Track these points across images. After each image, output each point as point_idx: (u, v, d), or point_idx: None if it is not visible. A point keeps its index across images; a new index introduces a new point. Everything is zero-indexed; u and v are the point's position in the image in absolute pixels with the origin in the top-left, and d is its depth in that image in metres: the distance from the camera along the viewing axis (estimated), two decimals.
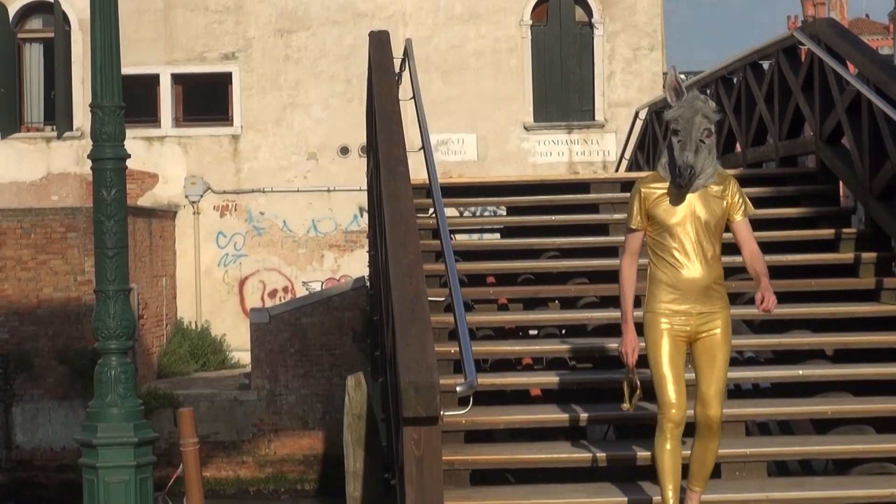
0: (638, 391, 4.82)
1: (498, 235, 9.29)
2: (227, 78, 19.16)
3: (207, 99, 19.35)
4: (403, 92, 7.83)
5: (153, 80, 19.03)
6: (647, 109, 12.76)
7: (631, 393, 4.82)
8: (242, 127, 19.11)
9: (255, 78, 19.09)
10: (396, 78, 7.89)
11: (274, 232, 19.01)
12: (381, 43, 7.92)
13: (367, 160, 10.06)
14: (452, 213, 9.26)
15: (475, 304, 7.28)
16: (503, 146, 19.07)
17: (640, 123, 13.16)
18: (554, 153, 19.15)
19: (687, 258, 4.63)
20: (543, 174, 16.45)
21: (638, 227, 4.74)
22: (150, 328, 17.11)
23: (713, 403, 4.65)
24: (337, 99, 18.98)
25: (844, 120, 7.67)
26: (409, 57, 8.16)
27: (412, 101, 7.54)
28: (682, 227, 4.64)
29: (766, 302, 4.61)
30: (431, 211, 7.04)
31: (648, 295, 4.72)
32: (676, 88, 4.69)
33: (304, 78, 19.03)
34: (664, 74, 19.19)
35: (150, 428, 5.17)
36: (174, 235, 18.81)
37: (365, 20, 18.62)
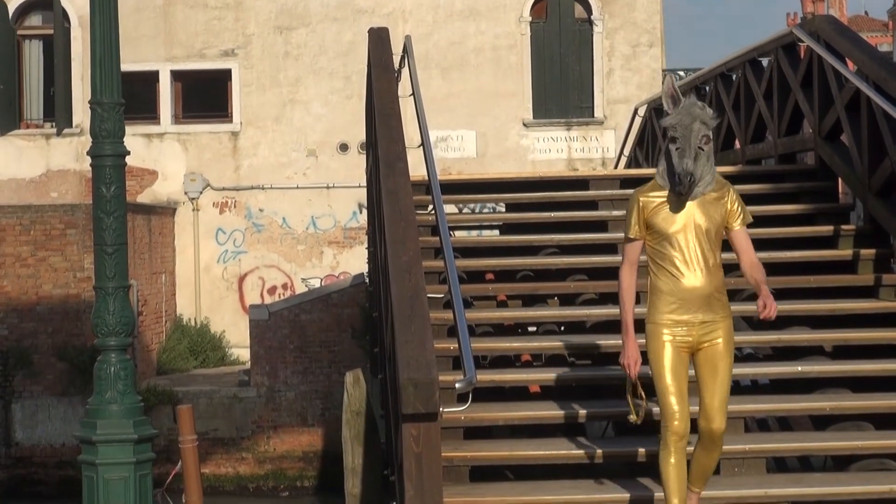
0: (644, 403, 4.76)
1: (497, 232, 9.29)
2: (226, 75, 19.15)
3: (207, 96, 19.34)
4: (403, 89, 7.82)
5: (153, 76, 19.02)
6: (646, 106, 12.76)
7: (636, 405, 4.76)
8: (242, 124, 19.10)
9: (254, 75, 19.08)
10: (396, 75, 7.88)
11: (273, 229, 19.01)
12: (380, 40, 7.92)
13: (366, 157, 10.06)
14: (452, 209, 9.27)
15: (474, 300, 7.29)
16: (502, 143, 19.06)
17: (639, 120, 13.15)
18: (553, 150, 19.15)
19: (687, 267, 4.58)
20: (542, 171, 16.44)
21: (637, 236, 4.68)
22: (149, 325, 17.11)
23: (716, 416, 4.60)
24: (336, 96, 18.98)
25: (843, 117, 7.67)
26: (408, 54, 8.16)
27: (411, 97, 7.54)
28: (681, 235, 4.59)
29: (767, 309, 4.58)
30: (431, 208, 7.04)
31: (649, 305, 4.66)
32: (673, 95, 4.63)
33: (303, 75, 19.02)
34: (663, 71, 19.20)
35: (149, 425, 5.17)
36: (173, 232, 18.81)
37: (364, 17, 18.61)
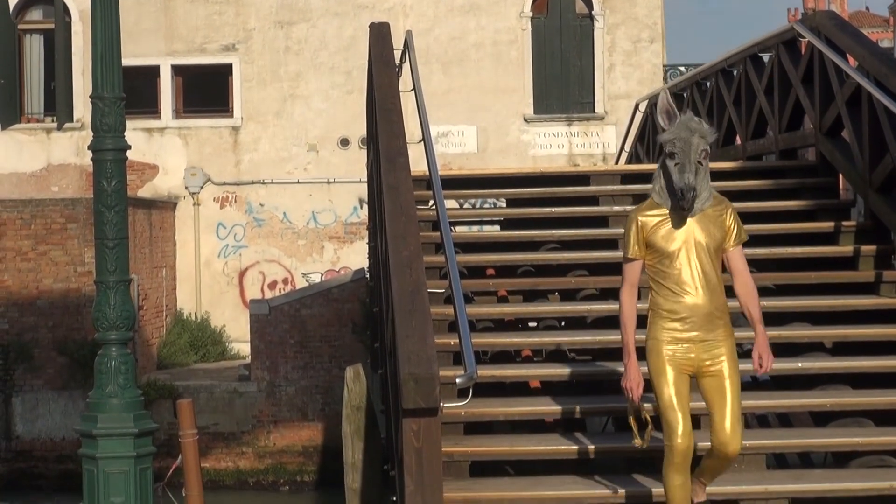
0: (650, 426, 4.68)
1: (498, 227, 9.28)
2: (227, 69, 19.14)
3: (208, 90, 19.33)
4: (404, 83, 7.81)
5: (153, 71, 19.01)
6: (647, 102, 12.75)
7: (640, 428, 4.68)
8: (243, 118, 19.09)
9: (255, 69, 19.07)
10: (397, 69, 7.88)
11: (274, 223, 19.01)
12: (381, 34, 7.91)
13: (367, 152, 10.05)
14: (452, 204, 9.25)
15: (475, 295, 7.28)
16: (503, 138, 19.05)
17: (639, 116, 13.14)
18: (554, 145, 19.14)
19: (688, 285, 4.51)
20: (543, 166, 16.44)
21: (636, 256, 4.61)
22: (149, 319, 17.11)
23: (731, 440, 4.49)
24: (337, 90, 18.97)
25: (844, 113, 7.66)
26: (409, 48, 8.15)
27: (412, 92, 7.53)
28: (682, 252, 4.52)
29: (764, 365, 4.51)
30: (431, 203, 7.04)
31: (650, 323, 4.60)
32: (668, 111, 4.56)
33: (304, 69, 19.01)
34: (664, 67, 19.19)
35: (149, 419, 5.17)
36: (174, 226, 18.81)
37: (365, 12, 18.60)
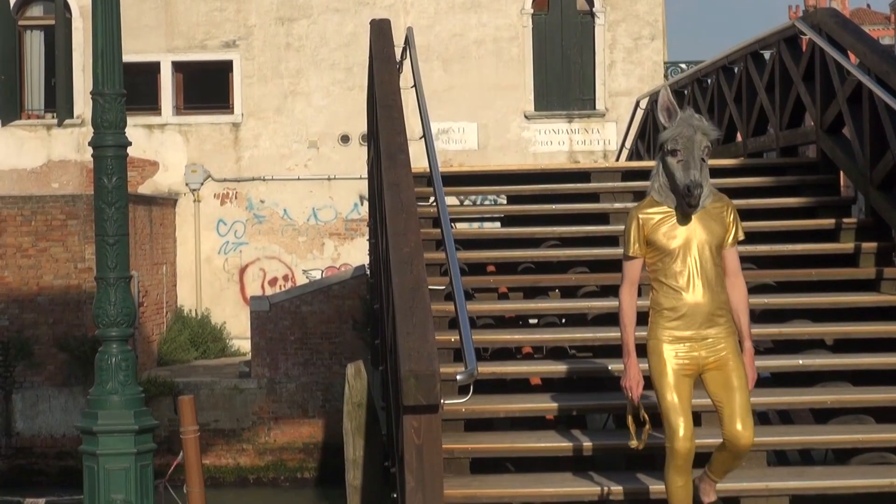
0: (647, 426, 4.64)
1: (498, 224, 9.28)
2: (227, 66, 19.13)
3: (208, 87, 19.32)
4: (404, 80, 7.81)
5: (154, 67, 19.00)
6: (647, 99, 12.74)
7: (638, 428, 4.64)
8: (243, 115, 19.09)
9: (255, 66, 19.06)
10: (397, 66, 7.87)
11: (274, 220, 19.00)
12: (382, 31, 7.90)
13: (367, 148, 10.05)
14: (453, 201, 9.25)
15: (475, 292, 7.28)
16: (504, 135, 19.04)
17: (640, 113, 13.13)
18: (554, 142, 19.13)
19: (690, 282, 4.48)
20: (544, 163, 16.43)
21: (636, 254, 4.57)
22: (150, 316, 17.11)
23: (742, 433, 4.44)
24: (338, 87, 18.96)
25: (845, 110, 7.65)
26: (410, 45, 8.14)
27: (413, 89, 7.53)
28: (683, 250, 4.49)
29: (748, 383, 4.48)
30: (432, 199, 7.03)
31: (651, 322, 4.56)
32: (669, 109, 4.53)
33: (304, 66, 19.00)
34: (665, 64, 19.18)
35: (150, 415, 5.16)
36: (174, 223, 18.80)
37: (366, 8, 18.58)
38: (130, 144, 5.31)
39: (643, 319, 4.69)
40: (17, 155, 18.97)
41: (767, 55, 8.98)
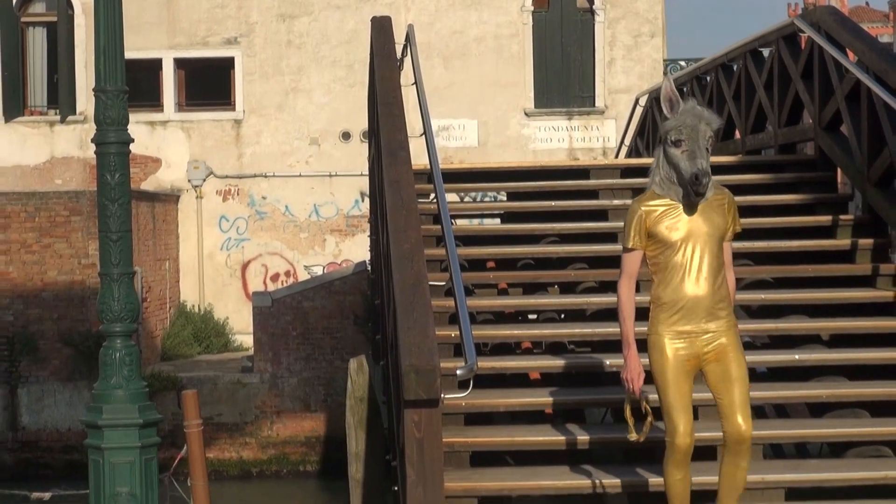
0: (650, 417, 4.58)
1: (498, 221, 9.30)
2: (229, 63, 19.13)
3: (210, 84, 19.33)
4: (405, 77, 7.81)
5: (156, 64, 19.00)
6: (647, 96, 12.74)
7: (637, 421, 4.59)
8: (245, 112, 19.09)
9: (257, 63, 19.06)
10: (398, 63, 7.87)
11: (276, 216, 19.02)
12: (383, 28, 7.91)
13: (368, 145, 10.06)
14: (453, 198, 9.27)
15: (475, 288, 7.30)
16: (504, 132, 19.04)
17: (640, 110, 13.13)
18: (554, 139, 19.13)
19: (691, 275, 4.40)
20: (544, 160, 16.45)
21: (637, 246, 4.46)
22: (153, 311, 17.13)
23: (740, 421, 4.35)
24: (339, 84, 18.96)
25: (843, 107, 7.66)
26: (410, 42, 8.15)
27: (414, 86, 7.53)
28: (685, 243, 4.41)
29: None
30: (432, 196, 7.04)
31: (651, 317, 4.49)
32: (672, 99, 4.45)
33: (306, 63, 19.00)
34: (665, 62, 19.17)
35: (154, 410, 5.18)
36: (177, 219, 18.81)
37: (367, 5, 18.58)
38: (133, 141, 5.32)
39: (642, 315, 4.67)
40: (20, 151, 18.97)
41: (766, 53, 8.98)
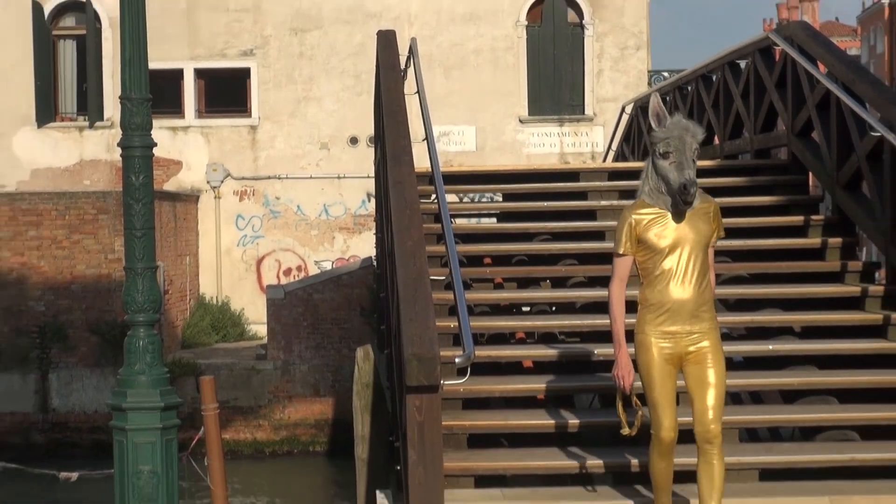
0: (640, 412, 4.56)
1: (494, 220, 9.29)
2: (245, 73, 19.12)
3: (228, 92, 19.32)
4: (408, 87, 7.80)
5: (178, 74, 18.99)
6: (632, 105, 12.74)
7: (629, 417, 4.57)
8: (260, 118, 19.09)
9: (271, 73, 19.05)
10: (402, 74, 7.87)
11: (288, 215, 19.02)
12: (388, 41, 7.90)
13: (374, 150, 10.05)
14: (453, 198, 9.26)
15: (473, 282, 7.30)
16: (500, 137, 19.04)
17: (626, 118, 13.13)
18: (546, 144, 19.12)
19: (677, 280, 4.39)
20: (537, 164, 16.43)
21: (627, 252, 4.45)
22: (174, 303, 17.14)
23: (709, 422, 4.34)
24: (347, 93, 18.95)
25: (814, 115, 7.66)
26: (413, 54, 8.14)
27: (416, 95, 7.53)
28: (672, 249, 4.40)
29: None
30: (433, 197, 7.04)
31: (639, 317, 4.49)
32: (659, 115, 4.44)
33: (316, 73, 18.99)
34: (649, 72, 19.15)
35: (174, 394, 5.18)
36: (197, 218, 18.81)
37: (373, 20, 18.57)
38: (156, 145, 5.32)
39: (631, 307, 4.64)
40: (52, 154, 18.97)
41: (743, 65, 8.98)
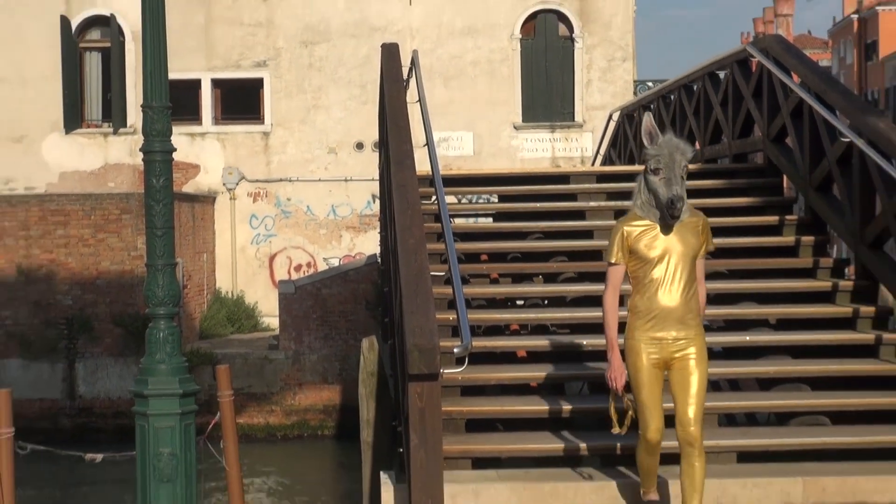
0: (630, 412, 4.54)
1: (491, 220, 9.28)
2: (259, 83, 19.11)
3: (242, 101, 19.31)
4: (410, 96, 7.79)
5: (196, 84, 18.98)
6: (619, 112, 12.73)
7: (620, 417, 4.53)
8: (272, 125, 19.08)
9: (283, 83, 19.04)
10: (404, 84, 7.86)
11: (299, 215, 19.02)
12: (391, 53, 7.89)
13: (379, 154, 10.04)
14: (452, 200, 9.24)
15: (471, 278, 7.29)
16: (496, 143, 19.04)
17: (612, 125, 13.13)
18: (539, 149, 19.12)
19: (665, 289, 4.37)
20: (530, 167, 16.43)
21: (619, 262, 4.43)
22: (193, 297, 17.14)
23: (689, 425, 4.31)
24: (353, 101, 18.94)
25: (788, 122, 7.66)
26: (415, 66, 8.14)
27: (418, 103, 7.52)
28: (661, 259, 4.38)
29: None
30: (434, 198, 7.04)
31: (629, 323, 4.47)
32: (651, 132, 4.41)
33: (325, 83, 18.98)
34: (635, 82, 19.15)
35: (192, 382, 5.18)
36: (213, 218, 18.81)
37: (378, 34, 18.57)
38: (175, 150, 5.32)
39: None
40: (78, 159, 18.98)
41: (722, 75, 8.98)
